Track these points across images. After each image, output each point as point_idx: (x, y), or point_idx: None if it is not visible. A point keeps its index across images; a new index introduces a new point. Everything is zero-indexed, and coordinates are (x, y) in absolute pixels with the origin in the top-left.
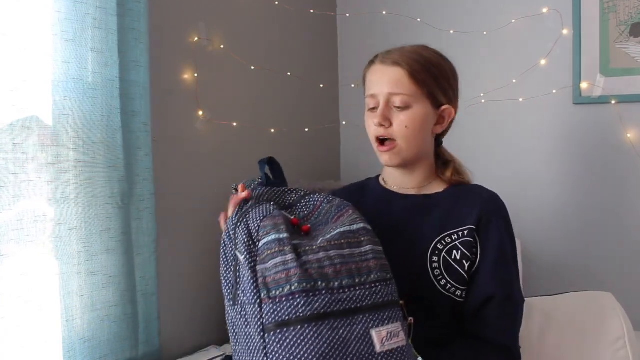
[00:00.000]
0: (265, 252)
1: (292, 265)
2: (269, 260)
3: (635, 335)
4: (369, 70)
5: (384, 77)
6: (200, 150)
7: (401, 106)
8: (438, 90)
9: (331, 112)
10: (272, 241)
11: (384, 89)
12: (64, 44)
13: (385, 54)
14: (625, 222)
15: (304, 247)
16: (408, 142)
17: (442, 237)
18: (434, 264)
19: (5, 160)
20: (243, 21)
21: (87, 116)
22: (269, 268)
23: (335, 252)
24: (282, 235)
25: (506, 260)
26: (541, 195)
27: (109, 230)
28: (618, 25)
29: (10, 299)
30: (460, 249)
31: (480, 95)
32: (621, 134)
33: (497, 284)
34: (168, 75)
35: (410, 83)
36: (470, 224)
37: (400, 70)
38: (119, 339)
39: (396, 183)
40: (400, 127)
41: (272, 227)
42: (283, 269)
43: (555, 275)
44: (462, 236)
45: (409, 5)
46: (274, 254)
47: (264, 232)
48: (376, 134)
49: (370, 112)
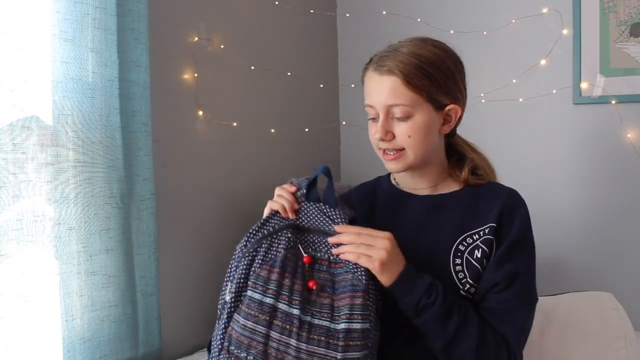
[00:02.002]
0: (244, 307)
1: (257, 338)
2: (242, 317)
3: (635, 335)
4: (365, 74)
5: (379, 87)
6: (200, 150)
7: (401, 117)
8: (439, 92)
9: (331, 112)
10: (254, 300)
11: (382, 101)
12: (63, 44)
13: (379, 59)
14: (625, 222)
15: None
16: (414, 150)
17: (464, 237)
18: (457, 266)
19: (5, 160)
20: (243, 21)
21: (87, 116)
22: (240, 324)
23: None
24: (266, 300)
25: (520, 251)
26: (541, 195)
27: (109, 230)
28: (618, 25)
29: (10, 299)
30: (482, 248)
31: (480, 95)
32: (621, 134)
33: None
34: (168, 75)
35: (408, 91)
36: (491, 221)
37: (395, 79)
38: (119, 339)
39: (408, 184)
40: (403, 137)
41: (263, 283)
42: (248, 336)
43: (555, 275)
44: (483, 235)
45: (409, 5)
46: (249, 316)
47: (253, 283)
48: (379, 146)
49: (372, 121)
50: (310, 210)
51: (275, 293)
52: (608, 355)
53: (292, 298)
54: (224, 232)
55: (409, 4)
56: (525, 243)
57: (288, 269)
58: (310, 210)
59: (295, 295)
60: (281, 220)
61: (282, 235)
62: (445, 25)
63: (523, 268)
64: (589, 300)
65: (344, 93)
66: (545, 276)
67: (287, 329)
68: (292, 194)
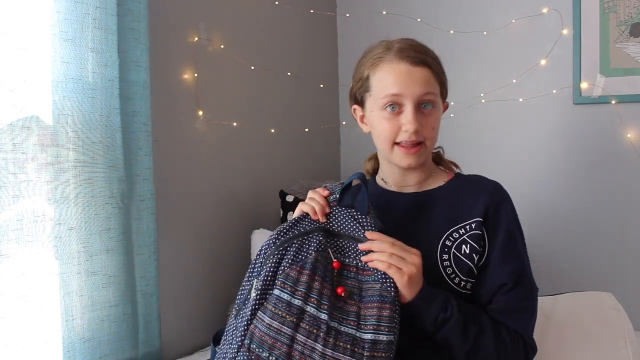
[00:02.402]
0: (271, 306)
1: (282, 339)
2: (268, 317)
3: (635, 335)
4: (379, 67)
5: (411, 77)
6: (200, 150)
7: (431, 103)
8: (445, 87)
9: (331, 112)
10: (283, 300)
11: (416, 91)
12: (63, 44)
13: (400, 51)
14: (625, 222)
15: (310, 325)
16: (432, 142)
17: (450, 232)
18: (445, 262)
19: (5, 160)
20: (243, 21)
21: (87, 116)
22: (264, 322)
23: (333, 353)
24: (294, 301)
25: (516, 247)
26: (541, 195)
27: (109, 230)
28: (618, 25)
29: (10, 299)
30: (469, 243)
31: (480, 95)
32: (621, 134)
33: (508, 272)
34: (168, 75)
35: (436, 83)
36: (477, 216)
37: (428, 71)
38: (119, 339)
39: (397, 182)
40: (428, 130)
41: (292, 284)
42: (273, 336)
43: (555, 275)
44: (469, 229)
45: (409, 5)
46: (275, 316)
47: (282, 283)
48: (406, 139)
49: (389, 113)
50: (341, 215)
51: (304, 295)
52: (608, 355)
53: (321, 302)
54: (224, 232)
55: (409, 4)
56: (517, 237)
57: (318, 272)
58: (341, 215)
59: (324, 300)
60: (312, 222)
61: (313, 237)
62: (445, 25)
63: (522, 263)
64: (589, 300)
65: (344, 93)
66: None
67: (313, 333)
68: (325, 197)
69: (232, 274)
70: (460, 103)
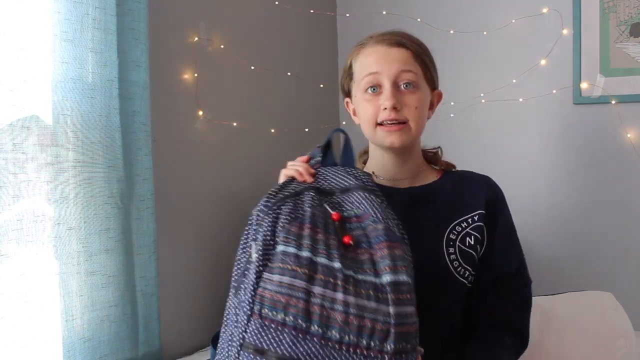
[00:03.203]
0: (278, 262)
1: (297, 294)
2: (276, 274)
3: (635, 335)
4: (360, 53)
5: (388, 56)
6: (200, 150)
7: (411, 85)
8: (433, 73)
9: (331, 112)
10: (289, 254)
11: (393, 67)
12: (63, 44)
13: (380, 36)
14: (625, 222)
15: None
16: (417, 124)
17: (453, 226)
18: (452, 255)
19: (4, 160)
20: (243, 21)
21: (87, 116)
22: (273, 281)
23: (357, 301)
24: (303, 253)
25: (514, 239)
26: (541, 195)
27: (109, 230)
28: (618, 25)
29: (10, 299)
30: (474, 235)
31: (480, 95)
32: (621, 134)
33: (508, 262)
34: (168, 75)
35: (416, 64)
36: (479, 208)
37: (405, 51)
38: (119, 339)
39: (388, 175)
40: (410, 109)
41: (295, 238)
42: (286, 293)
43: (555, 275)
44: (472, 222)
45: (409, 5)
46: (284, 271)
47: (285, 238)
48: (386, 118)
49: (369, 95)
50: (328, 174)
51: (311, 247)
52: (608, 355)
53: (330, 252)
54: (224, 232)
55: (409, 4)
56: (514, 228)
57: (319, 225)
58: (329, 173)
59: (332, 249)
60: (300, 184)
61: (306, 196)
62: (445, 25)
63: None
64: (588, 300)
65: None
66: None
67: (331, 282)
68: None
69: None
70: (460, 103)
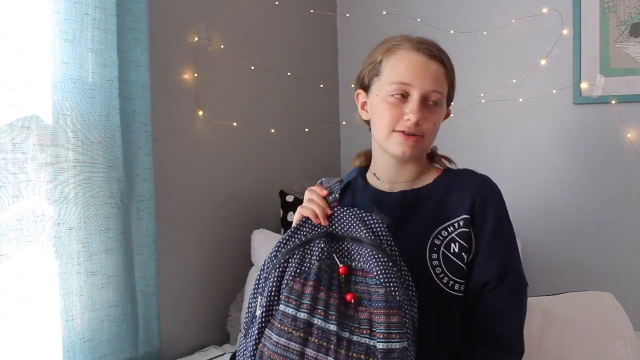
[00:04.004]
0: (277, 322)
1: (291, 356)
2: (275, 334)
3: (635, 335)
4: (394, 53)
5: (425, 70)
6: (200, 150)
7: (436, 104)
8: (452, 93)
9: (331, 112)
10: (288, 315)
11: (425, 84)
12: (63, 44)
13: (417, 42)
14: (625, 222)
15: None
16: (429, 138)
17: (438, 231)
18: (434, 261)
19: (4, 160)
20: (243, 21)
21: (86, 116)
22: (272, 340)
23: None
24: (300, 315)
25: (503, 241)
26: (541, 195)
27: (109, 230)
28: (618, 25)
29: (10, 299)
30: (458, 241)
31: (480, 95)
32: (621, 134)
33: (494, 267)
34: (168, 75)
35: (445, 82)
36: (464, 213)
37: (442, 68)
38: (119, 338)
39: (389, 177)
40: (429, 125)
41: (296, 297)
42: (282, 354)
43: (555, 275)
44: (457, 227)
45: (409, 5)
46: (282, 332)
47: (286, 297)
48: (404, 129)
49: (395, 99)
50: (344, 216)
51: (310, 308)
52: (608, 355)
53: (328, 313)
54: (223, 232)
55: (409, 4)
56: (504, 233)
57: (323, 281)
58: (344, 215)
59: (331, 310)
60: (313, 228)
61: (315, 246)
62: (445, 25)
63: (509, 260)
64: (588, 300)
65: (344, 93)
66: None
67: (324, 346)
68: (324, 198)
69: (232, 274)
70: (460, 103)
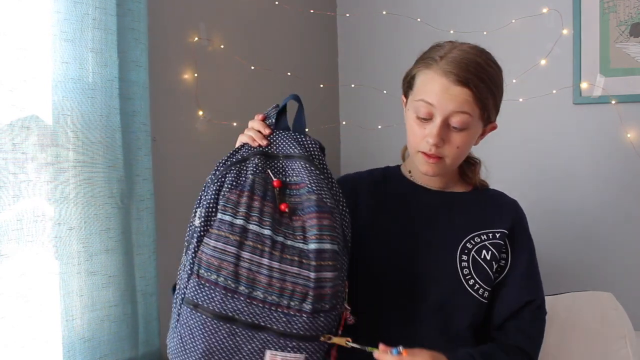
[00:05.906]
0: (215, 229)
1: (228, 258)
2: (213, 240)
3: (635, 335)
4: (426, 71)
5: (447, 93)
6: (200, 150)
7: (460, 127)
8: (494, 109)
9: (331, 112)
10: (225, 222)
11: (448, 106)
12: (63, 44)
13: (449, 65)
14: (625, 222)
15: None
16: (454, 161)
17: (472, 236)
18: (463, 262)
19: (4, 160)
20: (243, 21)
21: (87, 116)
22: (210, 246)
23: (280, 266)
24: (236, 221)
25: (536, 269)
26: (540, 195)
27: (109, 230)
28: (618, 25)
29: (10, 299)
30: (491, 250)
31: None
32: (621, 134)
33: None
34: (168, 75)
35: (475, 106)
36: (502, 227)
37: (468, 92)
38: (119, 338)
39: (423, 179)
40: (452, 148)
41: (233, 206)
42: (219, 257)
43: (555, 275)
44: (492, 237)
45: (409, 5)
46: (219, 237)
47: (223, 206)
48: (425, 150)
49: (419, 121)
50: (279, 138)
51: (245, 215)
52: (608, 355)
53: (262, 219)
54: None
55: (409, 4)
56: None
57: (257, 192)
58: (279, 137)
59: (265, 217)
60: (249, 149)
61: (250, 163)
62: (445, 25)
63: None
64: (589, 300)
65: (344, 93)
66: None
67: (258, 249)
68: (262, 120)
69: None
70: None
